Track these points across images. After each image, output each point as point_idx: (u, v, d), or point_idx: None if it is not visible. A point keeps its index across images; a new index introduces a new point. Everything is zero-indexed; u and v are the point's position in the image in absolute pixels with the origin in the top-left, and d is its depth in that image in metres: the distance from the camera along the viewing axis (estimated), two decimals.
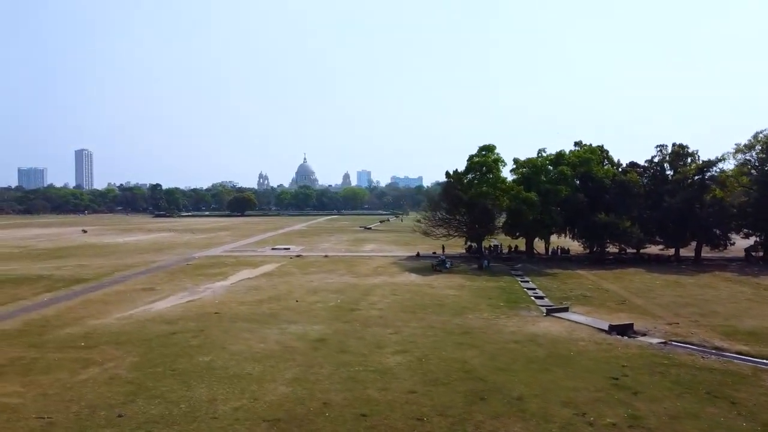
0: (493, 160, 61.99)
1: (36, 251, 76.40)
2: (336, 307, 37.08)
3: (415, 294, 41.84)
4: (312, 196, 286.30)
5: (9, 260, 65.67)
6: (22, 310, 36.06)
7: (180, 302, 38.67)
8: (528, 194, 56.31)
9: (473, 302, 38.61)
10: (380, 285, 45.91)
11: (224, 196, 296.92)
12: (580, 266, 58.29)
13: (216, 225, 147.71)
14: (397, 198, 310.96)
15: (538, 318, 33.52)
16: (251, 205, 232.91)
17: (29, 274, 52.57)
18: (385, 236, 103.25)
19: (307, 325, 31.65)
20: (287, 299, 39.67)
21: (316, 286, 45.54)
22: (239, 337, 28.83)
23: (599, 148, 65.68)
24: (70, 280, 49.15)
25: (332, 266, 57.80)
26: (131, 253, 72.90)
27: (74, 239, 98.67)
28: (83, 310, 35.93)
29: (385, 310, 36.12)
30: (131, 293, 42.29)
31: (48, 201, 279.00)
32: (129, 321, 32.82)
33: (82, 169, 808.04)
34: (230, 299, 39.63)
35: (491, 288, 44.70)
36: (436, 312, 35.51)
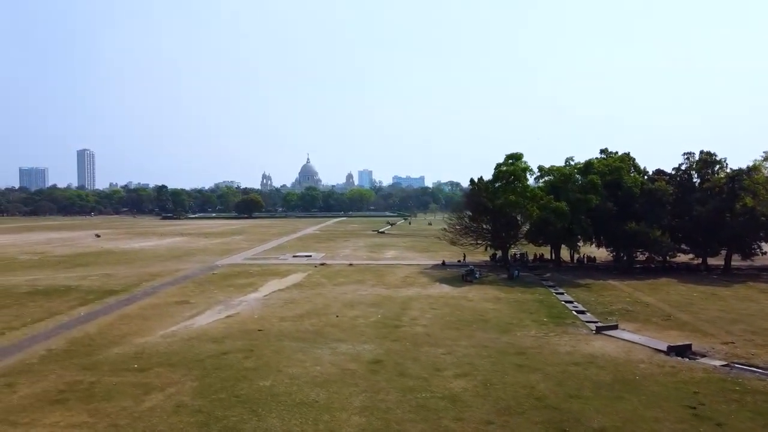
0: (521, 169, 61.54)
1: (55, 258, 76.12)
2: (378, 322, 36.70)
3: (454, 308, 41.43)
4: (318, 198, 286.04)
5: (31, 268, 65.40)
6: (61, 327, 35.72)
7: (219, 317, 38.32)
8: (558, 204, 55.85)
9: (516, 317, 38.19)
10: (415, 298, 45.52)
11: (230, 198, 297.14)
12: (609, 276, 57.83)
13: (227, 228, 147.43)
14: (403, 199, 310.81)
15: (589, 336, 33.08)
16: (258, 207, 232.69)
17: (57, 285, 52.27)
18: (401, 241, 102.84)
19: (357, 344, 31.27)
20: (326, 314, 39.30)
21: (350, 298, 45.15)
22: (292, 359, 28.45)
23: (626, 155, 65.21)
24: (100, 291, 48.83)
25: (360, 276, 57.41)
26: (152, 261, 72.59)
27: (90, 245, 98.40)
28: (125, 327, 35.59)
29: (430, 326, 35.72)
30: (167, 307, 41.94)
31: (53, 202, 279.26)
32: (174, 339, 32.46)
33: (84, 169, 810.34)
34: (269, 314, 39.26)
35: (529, 301, 44.27)
36: (482, 328, 35.12)
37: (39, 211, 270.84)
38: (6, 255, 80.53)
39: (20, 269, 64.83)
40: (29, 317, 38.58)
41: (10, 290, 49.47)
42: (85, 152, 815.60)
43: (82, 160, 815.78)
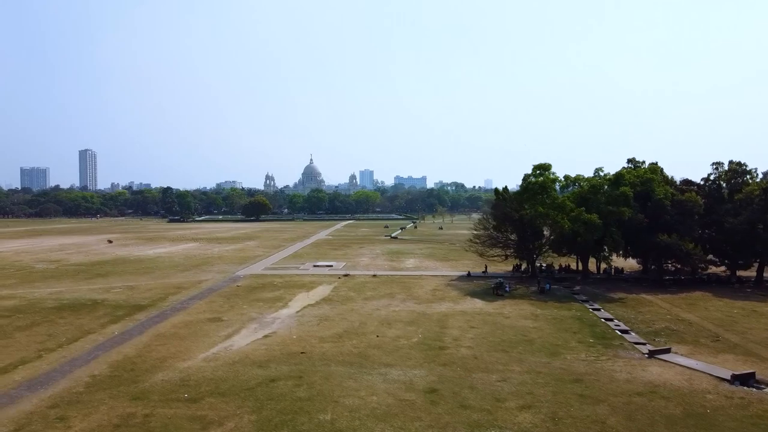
0: (551, 180, 60.68)
1: (72, 267, 75.45)
2: (421, 343, 35.96)
3: (494, 326, 40.66)
4: (324, 200, 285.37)
5: (50, 279, 64.75)
6: (99, 348, 35.02)
7: (257, 338, 37.59)
8: (590, 216, 55.01)
9: (561, 338, 37.40)
10: (451, 314, 44.76)
11: (235, 200, 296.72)
12: (640, 288, 57.00)
13: (238, 233, 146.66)
14: (409, 201, 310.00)
15: (643, 361, 32.28)
16: (265, 209, 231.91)
17: (82, 299, 51.59)
18: (417, 248, 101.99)
19: (407, 369, 30.54)
20: (365, 333, 38.56)
21: (385, 315, 44.40)
22: (345, 387, 27.71)
23: (654, 165, 64.38)
24: (127, 306, 48.12)
25: (387, 289, 56.64)
26: (171, 271, 71.88)
27: (104, 251, 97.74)
28: (163, 348, 34.88)
29: (475, 348, 34.97)
30: (200, 325, 41.22)
31: (58, 204, 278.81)
32: (218, 363, 31.73)
33: (86, 169, 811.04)
34: (307, 334, 38.52)
35: (568, 319, 43.47)
36: (529, 350, 34.37)
37: (44, 213, 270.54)
38: (22, 263, 79.91)
39: (40, 280, 64.17)
40: (63, 336, 37.91)
41: (36, 305, 48.80)
42: (87, 152, 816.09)
43: (84, 160, 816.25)
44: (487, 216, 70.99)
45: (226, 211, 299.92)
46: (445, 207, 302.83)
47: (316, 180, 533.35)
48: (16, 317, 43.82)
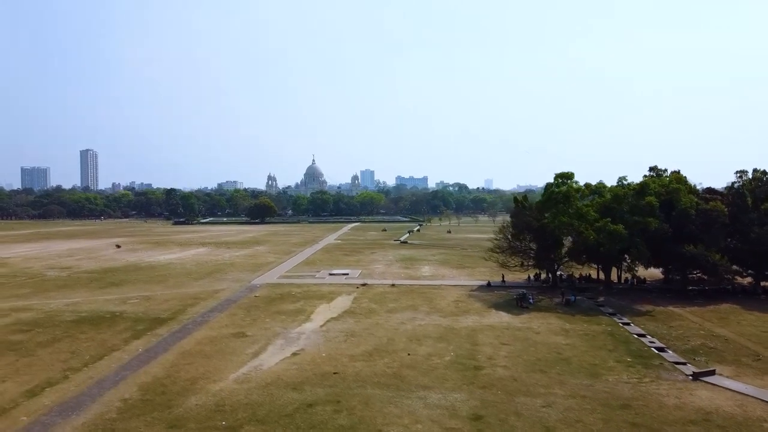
0: (575, 190, 59.75)
1: (84, 275, 74.65)
2: (455, 363, 35.10)
3: (526, 343, 39.78)
4: (329, 202, 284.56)
5: (64, 288, 63.96)
6: (125, 368, 34.19)
7: (285, 356, 36.76)
8: (616, 227, 54.09)
9: (598, 356, 36.50)
10: (479, 329, 43.90)
11: (240, 201, 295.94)
12: (664, 299, 56.11)
13: (246, 237, 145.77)
14: (413, 203, 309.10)
15: (688, 384, 31.38)
16: (271, 212, 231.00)
17: (100, 311, 50.76)
18: (429, 254, 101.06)
19: (446, 392, 29.72)
20: (395, 351, 37.72)
21: (412, 330, 43.55)
22: (386, 413, 26.86)
23: (677, 174, 63.47)
24: (147, 320, 47.29)
25: (409, 300, 55.75)
26: (184, 279, 71.06)
27: (113, 257, 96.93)
28: (191, 368, 34.04)
29: (511, 367, 34.11)
30: (225, 341, 40.39)
31: (62, 205, 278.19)
32: (251, 386, 30.88)
33: (87, 169, 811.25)
34: (336, 351, 37.68)
35: (599, 334, 42.55)
36: (567, 371, 33.51)
37: (47, 214, 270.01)
38: (33, 270, 79.12)
39: (54, 289, 63.37)
40: (86, 354, 37.11)
41: (53, 318, 47.99)
42: (88, 152, 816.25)
43: (85, 160, 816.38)
44: (507, 225, 69.91)
45: (230, 212, 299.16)
46: (450, 209, 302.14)
47: (318, 180, 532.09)
48: (36, 332, 43.01)
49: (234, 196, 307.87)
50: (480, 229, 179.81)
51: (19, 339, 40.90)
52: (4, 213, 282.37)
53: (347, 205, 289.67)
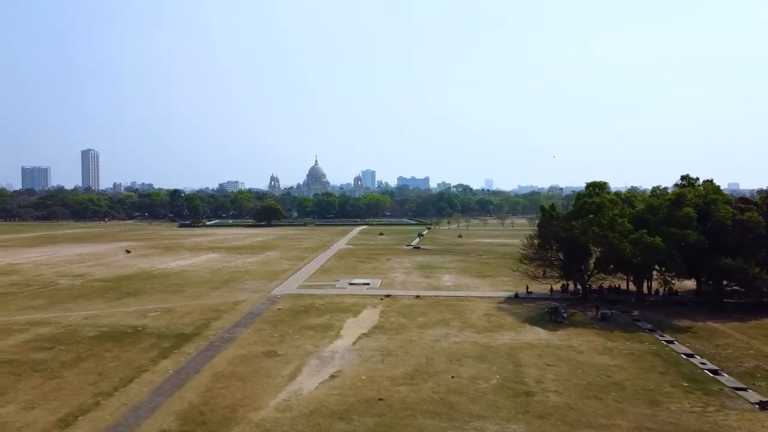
0: (609, 200, 58.05)
1: (98, 284, 73.15)
2: (503, 387, 33.55)
3: (572, 364, 38.19)
4: (334, 204, 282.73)
5: (79, 298, 62.49)
6: (158, 393, 32.66)
7: (323, 378, 35.23)
8: (653, 239, 52.46)
9: (651, 381, 34.89)
10: (518, 347, 42.35)
11: (244, 203, 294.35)
12: (701, 314, 54.44)
13: (255, 242, 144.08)
14: (419, 205, 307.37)
15: (756, 414, 29.81)
16: (277, 214, 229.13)
17: (121, 325, 49.24)
18: (446, 261, 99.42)
19: (503, 424, 28.21)
20: (437, 373, 36.19)
21: (449, 349, 42.00)
22: None
23: (710, 183, 61.87)
24: (171, 336, 45.78)
25: (438, 314, 54.17)
26: (201, 288, 69.56)
27: (124, 263, 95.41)
28: (227, 393, 32.50)
29: (564, 393, 32.55)
30: (257, 361, 38.87)
31: (65, 207, 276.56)
32: (293, 414, 29.35)
33: (89, 169, 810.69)
34: (375, 373, 36.14)
35: (646, 354, 40.94)
36: (624, 397, 31.95)
37: (51, 216, 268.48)
38: (45, 278, 77.63)
39: (69, 299, 61.87)
40: (115, 376, 35.59)
41: (74, 333, 46.47)
42: (89, 152, 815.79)
43: (87, 160, 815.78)
44: (534, 235, 68.18)
45: (234, 214, 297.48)
46: (455, 211, 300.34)
47: (320, 181, 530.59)
48: (59, 349, 41.50)
49: (238, 198, 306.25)
50: (490, 233, 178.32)
51: (43, 358, 39.40)
52: (8, 214, 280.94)
53: (353, 207, 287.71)
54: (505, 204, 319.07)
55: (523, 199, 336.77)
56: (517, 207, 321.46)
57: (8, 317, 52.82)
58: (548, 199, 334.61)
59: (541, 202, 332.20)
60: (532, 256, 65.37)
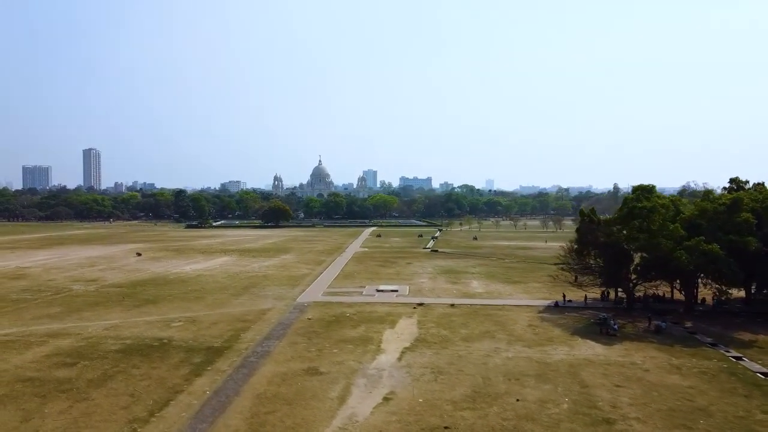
0: (660, 205, 54.91)
1: (114, 289, 70.29)
2: (577, 413, 30.55)
3: (642, 385, 35.15)
4: (342, 205, 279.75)
5: (96, 306, 59.61)
6: (199, 419, 29.74)
7: (376, 401, 32.27)
8: (710, 247, 49.38)
9: (739, 407, 31.82)
10: (577, 364, 39.34)
11: (250, 203, 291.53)
12: (756, 325, 51.43)
13: (267, 244, 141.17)
14: (428, 206, 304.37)
15: None
16: (286, 215, 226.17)
17: (145, 337, 46.32)
18: (469, 265, 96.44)
19: None
20: (499, 395, 33.20)
21: (503, 366, 39.00)
22: None
23: (761, 186, 58.77)
24: (201, 349, 42.87)
25: (479, 325, 51.20)
26: (221, 294, 66.67)
27: (138, 267, 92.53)
28: (275, 419, 29.59)
29: (647, 421, 29.58)
30: (299, 380, 35.92)
31: (69, 207, 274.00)
32: None
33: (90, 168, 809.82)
34: (432, 395, 33.17)
35: (719, 374, 37.86)
36: (717, 427, 28.94)
37: (55, 216, 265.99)
38: (57, 284, 74.77)
39: (86, 307, 59.01)
40: (148, 398, 32.67)
41: (96, 346, 43.56)
42: (91, 151, 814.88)
43: (88, 159, 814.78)
44: (573, 241, 65.11)
45: (240, 215, 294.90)
46: (463, 212, 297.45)
47: (324, 181, 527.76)
48: (83, 365, 38.61)
49: (244, 198, 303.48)
50: (504, 235, 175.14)
51: (67, 376, 36.51)
52: (11, 214, 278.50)
53: (360, 208, 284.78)
54: (513, 205, 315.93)
55: (531, 200, 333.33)
56: (526, 208, 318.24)
57: (24, 327, 50.01)
58: (556, 200, 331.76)
59: (549, 203, 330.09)
60: (572, 263, 62.31)
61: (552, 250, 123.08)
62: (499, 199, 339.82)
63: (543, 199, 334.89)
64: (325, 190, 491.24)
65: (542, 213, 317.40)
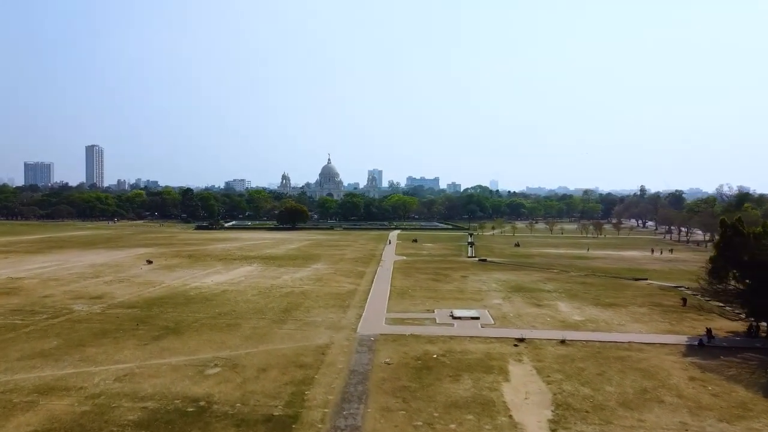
0: None
1: (124, 311, 57.60)
2: None
3: None
4: (360, 206, 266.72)
5: (103, 338, 46.85)
6: None
7: None
8: None
9: None
10: None
11: (262, 203, 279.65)
12: None
13: (290, 250, 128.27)
14: (449, 208, 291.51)
15: None
16: (303, 217, 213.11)
17: (174, 397, 33.47)
18: (535, 280, 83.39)
19: None
20: None
21: None
22: None
23: None
24: (255, 420, 30.03)
25: (624, 377, 38.09)
26: (259, 320, 53.86)
27: (149, 279, 79.83)
28: None
29: None
30: None
31: (71, 205, 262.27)
32: None
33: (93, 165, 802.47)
34: None
35: None
36: None
37: (56, 214, 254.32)
38: (55, 302, 62.12)
39: (90, 340, 46.29)
40: None
41: (107, 415, 30.69)
42: (94, 148, 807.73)
43: (91, 156, 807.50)
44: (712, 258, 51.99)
45: (251, 215, 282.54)
46: (486, 214, 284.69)
47: (334, 181, 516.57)
48: None
49: (255, 197, 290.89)
50: (546, 241, 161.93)
51: None
52: (10, 212, 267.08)
53: (378, 209, 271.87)
54: (539, 207, 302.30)
55: (557, 203, 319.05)
56: (551, 210, 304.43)
57: (8, 374, 37.34)
58: (584, 202, 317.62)
59: (576, 205, 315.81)
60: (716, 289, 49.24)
61: (612, 260, 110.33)
62: (522, 200, 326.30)
63: (569, 201, 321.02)
64: (334, 190, 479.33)
65: (569, 216, 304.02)
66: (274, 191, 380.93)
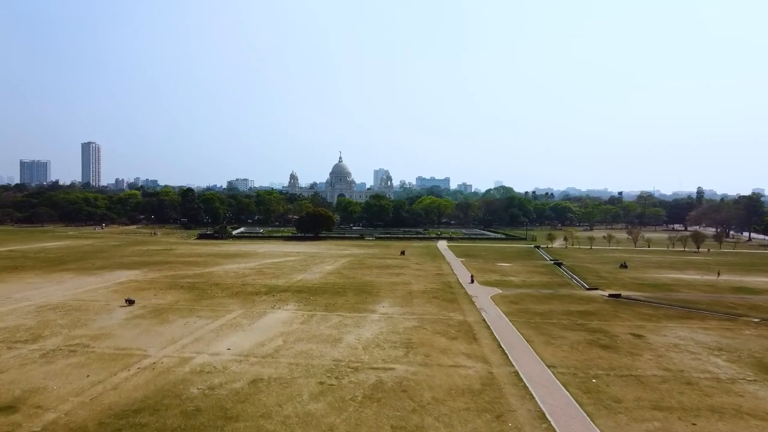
0: None
1: None
2: None
3: None
4: (388, 210, 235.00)
5: None
6: None
7: None
8: None
9: None
10: None
11: (273, 206, 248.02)
12: None
13: (330, 275, 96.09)
14: (489, 212, 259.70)
15: None
16: (329, 224, 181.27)
17: None
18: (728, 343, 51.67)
19: None
20: None
21: None
22: None
23: None
24: None
25: None
26: None
27: (121, 345, 48.45)
28: None
29: None
30: None
31: (54, 207, 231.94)
32: None
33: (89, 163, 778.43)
34: None
35: None
36: None
37: (35, 217, 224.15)
38: None
39: None
40: None
41: None
42: (90, 145, 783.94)
43: (87, 154, 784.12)
44: None
45: (260, 219, 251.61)
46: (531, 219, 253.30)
47: (345, 180, 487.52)
48: None
49: (266, 199, 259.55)
50: (648, 260, 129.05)
51: None
52: None
53: (409, 214, 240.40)
54: (595, 212, 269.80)
55: (613, 207, 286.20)
56: (607, 216, 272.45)
57: None
58: (643, 206, 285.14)
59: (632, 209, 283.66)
60: None
61: None
62: (569, 203, 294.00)
63: (627, 206, 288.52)
64: (346, 190, 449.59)
65: (623, 222, 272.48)
66: (285, 192, 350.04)
